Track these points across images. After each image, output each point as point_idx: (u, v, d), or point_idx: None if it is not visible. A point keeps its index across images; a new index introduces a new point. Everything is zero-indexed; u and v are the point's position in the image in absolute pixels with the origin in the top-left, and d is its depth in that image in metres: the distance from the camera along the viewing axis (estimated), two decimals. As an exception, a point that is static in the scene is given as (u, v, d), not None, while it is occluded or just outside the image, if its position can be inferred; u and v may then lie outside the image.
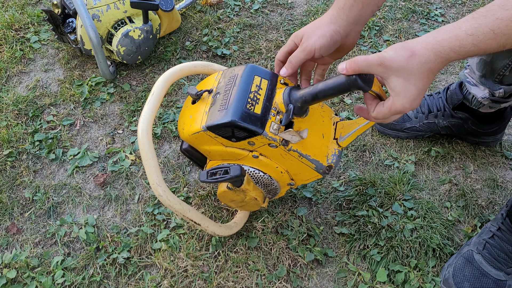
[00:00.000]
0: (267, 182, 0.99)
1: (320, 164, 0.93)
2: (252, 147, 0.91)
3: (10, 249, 1.14)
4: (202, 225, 1.00)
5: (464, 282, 1.04)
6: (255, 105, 0.87)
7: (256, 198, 0.98)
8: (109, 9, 1.41)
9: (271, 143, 0.88)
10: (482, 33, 0.64)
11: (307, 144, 0.92)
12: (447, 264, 1.09)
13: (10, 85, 1.50)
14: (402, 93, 0.72)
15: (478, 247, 1.07)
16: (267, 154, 0.93)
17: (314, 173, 0.96)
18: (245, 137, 0.87)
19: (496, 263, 1.04)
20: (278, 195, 1.07)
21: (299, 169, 0.96)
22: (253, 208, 1.05)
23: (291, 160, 0.93)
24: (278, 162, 0.95)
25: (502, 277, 1.03)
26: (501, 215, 1.08)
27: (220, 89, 0.91)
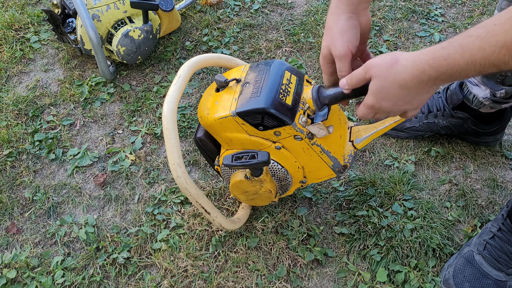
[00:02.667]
0: (282, 176, 1.00)
1: (337, 162, 0.96)
2: (277, 137, 0.92)
3: (10, 249, 1.14)
4: (211, 215, 0.99)
5: (465, 283, 1.04)
6: (286, 96, 0.88)
7: (271, 190, 0.99)
8: (109, 9, 1.41)
9: (298, 134, 0.89)
10: (452, 47, 0.67)
11: (329, 141, 0.94)
12: (447, 264, 1.09)
13: (10, 85, 1.50)
14: (373, 92, 0.77)
15: (479, 248, 1.07)
16: (289, 147, 0.94)
17: (329, 171, 0.98)
18: (273, 126, 0.88)
19: (496, 263, 1.04)
20: (286, 193, 1.07)
21: (316, 166, 0.97)
22: (263, 202, 1.05)
23: (310, 155, 0.95)
24: (298, 157, 0.96)
25: (503, 278, 1.03)
26: (502, 215, 1.08)
27: (250, 79, 0.92)
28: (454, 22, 1.71)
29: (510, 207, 1.06)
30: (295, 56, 1.59)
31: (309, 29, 1.67)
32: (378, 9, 1.76)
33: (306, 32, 1.66)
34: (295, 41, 1.63)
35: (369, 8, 0.90)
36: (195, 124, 1.39)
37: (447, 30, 1.69)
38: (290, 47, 1.62)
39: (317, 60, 1.57)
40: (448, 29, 1.69)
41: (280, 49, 1.61)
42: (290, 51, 1.60)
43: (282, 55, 1.59)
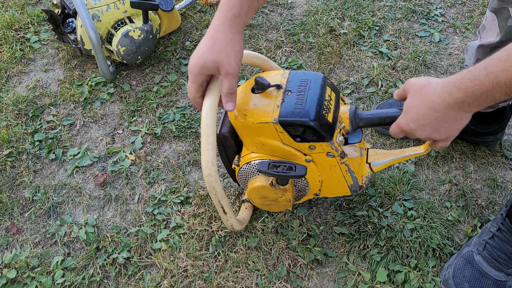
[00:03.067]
0: (302, 187, 1.01)
1: (357, 182, 0.99)
2: (310, 151, 0.92)
3: (10, 249, 1.14)
4: (227, 215, 0.97)
5: (464, 283, 1.04)
6: (328, 112, 0.89)
7: (290, 200, 0.99)
8: (109, 9, 1.41)
9: (331, 152, 0.91)
10: (477, 69, 0.70)
11: (355, 161, 0.96)
12: (447, 265, 1.09)
13: (10, 85, 1.50)
14: (406, 110, 0.81)
15: (478, 248, 1.07)
16: (318, 162, 0.94)
17: (346, 189, 1.01)
18: (312, 140, 0.89)
19: (496, 263, 1.04)
20: (297, 201, 1.08)
21: (336, 183, 0.99)
22: (278, 209, 1.05)
23: (335, 172, 0.96)
24: (322, 171, 0.97)
25: (502, 278, 1.03)
26: (501, 215, 1.08)
27: (291, 88, 0.91)
28: (454, 22, 1.71)
29: (509, 207, 1.06)
30: (295, 56, 1.59)
31: (309, 29, 1.67)
32: (378, 9, 1.76)
33: (306, 32, 1.66)
34: (295, 41, 1.63)
35: None
36: (195, 124, 1.39)
37: (447, 30, 1.69)
38: (290, 47, 1.62)
39: (317, 60, 1.57)
40: (448, 29, 1.69)
41: (280, 49, 1.61)
42: (290, 51, 1.60)
43: (282, 55, 1.59)
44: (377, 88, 1.49)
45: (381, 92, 1.47)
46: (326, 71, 1.54)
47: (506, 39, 1.05)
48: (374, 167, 1.01)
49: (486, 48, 1.10)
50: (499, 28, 1.05)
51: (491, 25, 1.08)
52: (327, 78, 0.95)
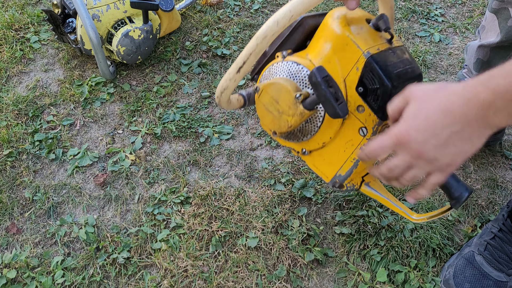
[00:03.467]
0: (308, 130, 0.86)
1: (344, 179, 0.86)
2: (353, 113, 0.80)
3: (10, 249, 1.14)
4: (238, 74, 0.82)
5: (465, 283, 1.04)
6: None
7: (291, 126, 0.84)
8: (109, 9, 1.41)
9: (368, 130, 0.79)
10: (509, 64, 0.56)
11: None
12: (447, 265, 1.09)
13: (10, 85, 1.50)
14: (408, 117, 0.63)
15: (479, 248, 1.07)
16: (344, 129, 0.82)
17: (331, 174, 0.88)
18: (370, 103, 0.77)
19: (497, 264, 1.04)
20: (285, 142, 0.93)
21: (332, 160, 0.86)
22: (270, 124, 0.89)
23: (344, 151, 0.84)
24: (335, 140, 0.84)
25: (503, 279, 1.03)
26: (502, 216, 1.08)
27: (397, 50, 0.82)
28: (454, 22, 1.71)
29: (511, 208, 1.06)
30: (295, 56, 1.59)
31: (309, 29, 1.67)
32: (378, 9, 1.76)
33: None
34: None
35: None
36: (195, 124, 1.39)
37: (447, 30, 1.69)
38: (290, 47, 1.62)
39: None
40: (448, 29, 1.69)
41: (280, 49, 1.61)
42: (290, 51, 1.60)
43: (282, 55, 1.59)
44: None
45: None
46: (326, 71, 1.53)
47: (507, 39, 1.05)
48: (364, 187, 0.91)
49: (486, 48, 1.10)
50: (500, 29, 1.05)
51: (491, 26, 1.08)
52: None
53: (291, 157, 1.32)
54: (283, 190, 1.24)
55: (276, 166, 1.29)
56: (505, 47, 1.07)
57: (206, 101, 1.46)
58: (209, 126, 1.39)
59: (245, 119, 1.42)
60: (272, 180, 1.26)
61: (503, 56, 1.07)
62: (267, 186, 1.25)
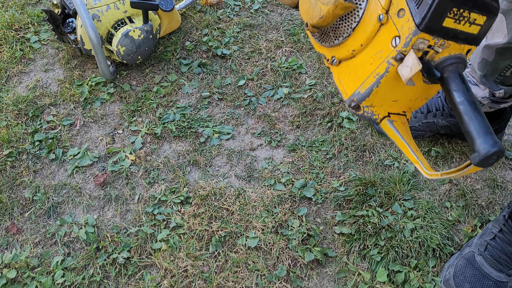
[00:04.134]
0: (345, 27, 0.75)
1: (364, 96, 0.74)
2: (391, 14, 0.69)
3: (10, 249, 1.14)
4: None
5: (465, 284, 1.04)
6: (462, 22, 0.67)
7: (323, 16, 0.73)
8: (109, 9, 1.41)
9: (408, 42, 0.66)
10: None
11: (394, 84, 0.72)
12: (447, 265, 1.09)
13: (10, 85, 1.50)
14: None
15: (480, 249, 1.07)
16: (378, 35, 0.71)
17: (351, 89, 0.76)
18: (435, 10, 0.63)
19: (497, 264, 1.04)
20: (321, 48, 0.82)
21: (358, 71, 0.75)
22: (307, 15, 0.79)
23: (370, 64, 0.73)
24: (372, 47, 0.72)
25: (504, 279, 1.03)
26: (503, 216, 1.08)
27: None
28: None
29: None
30: (295, 56, 1.59)
31: (309, 29, 1.67)
32: None
33: (306, 32, 1.66)
34: (295, 41, 1.63)
35: None
36: (195, 124, 1.39)
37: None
38: (290, 47, 1.62)
39: (317, 60, 1.57)
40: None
41: (280, 49, 1.61)
42: (290, 51, 1.61)
43: (282, 55, 1.59)
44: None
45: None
46: (326, 71, 1.54)
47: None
48: (385, 122, 0.76)
49: (492, 48, 1.10)
50: (508, 30, 1.05)
51: (498, 26, 1.07)
52: None
53: (291, 157, 1.32)
54: (283, 190, 1.24)
55: (276, 166, 1.29)
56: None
57: (206, 101, 1.46)
58: (209, 126, 1.39)
59: (245, 119, 1.42)
60: (272, 180, 1.26)
61: (509, 57, 1.07)
62: (267, 186, 1.25)
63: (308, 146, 1.34)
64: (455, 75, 0.66)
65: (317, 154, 1.32)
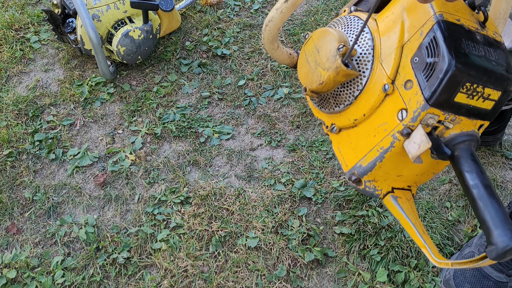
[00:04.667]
0: (346, 95, 0.71)
1: (365, 171, 0.69)
2: (398, 86, 0.65)
3: (10, 249, 1.14)
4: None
5: (465, 284, 1.04)
6: (475, 97, 0.65)
7: (323, 82, 0.70)
8: (109, 9, 1.41)
9: (416, 117, 0.61)
10: None
11: (397, 158, 0.68)
12: None
13: (10, 85, 1.50)
14: None
15: (480, 249, 1.07)
16: (383, 105, 0.67)
17: (352, 161, 0.71)
18: (429, 70, 0.61)
19: (497, 265, 1.04)
20: (320, 114, 0.78)
21: (359, 142, 0.70)
22: (306, 79, 0.75)
23: (374, 136, 0.68)
24: (375, 118, 0.68)
25: (503, 279, 1.03)
26: None
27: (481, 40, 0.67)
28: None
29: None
30: (295, 56, 1.59)
31: (309, 29, 1.67)
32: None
33: (306, 32, 1.66)
34: (295, 41, 1.63)
35: None
36: (195, 124, 1.39)
37: (447, 30, 1.69)
38: (290, 47, 1.62)
39: (317, 60, 1.57)
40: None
41: (280, 49, 1.61)
42: (290, 51, 1.61)
43: (282, 55, 1.59)
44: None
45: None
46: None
47: None
48: (389, 198, 0.70)
49: None
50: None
51: (506, 29, 1.07)
52: None
53: (291, 157, 1.32)
54: (283, 190, 1.24)
55: (276, 166, 1.29)
56: None
57: (206, 101, 1.46)
58: (209, 126, 1.39)
59: (245, 119, 1.42)
60: (272, 180, 1.26)
61: None
62: (267, 186, 1.25)
63: (308, 146, 1.34)
64: (467, 154, 0.61)
65: (317, 154, 1.32)
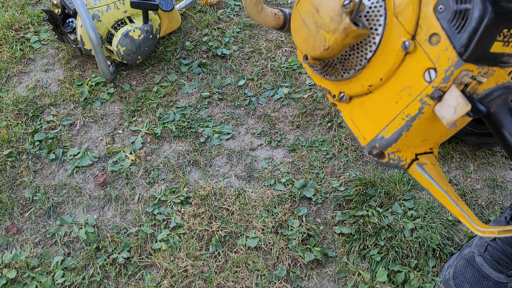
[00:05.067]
0: (357, 58, 0.62)
1: (389, 143, 0.62)
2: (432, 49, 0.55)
3: (10, 249, 1.14)
4: None
5: (465, 284, 1.04)
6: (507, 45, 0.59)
7: (329, 47, 0.60)
8: (109, 9, 1.41)
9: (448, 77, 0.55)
10: None
11: (430, 125, 0.61)
12: (447, 265, 1.09)
13: (10, 85, 1.50)
14: None
15: (480, 249, 1.07)
16: (410, 63, 0.58)
17: (372, 133, 0.64)
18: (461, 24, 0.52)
19: (497, 265, 1.04)
20: (324, 82, 0.69)
21: (380, 111, 0.62)
22: (306, 46, 0.65)
23: (395, 102, 0.60)
24: (395, 81, 0.60)
25: (503, 280, 1.03)
26: (505, 218, 1.08)
27: None
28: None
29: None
30: (295, 56, 1.59)
31: None
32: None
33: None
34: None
35: None
36: (195, 124, 1.39)
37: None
38: (290, 47, 1.62)
39: (317, 60, 1.57)
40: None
41: (280, 49, 1.61)
42: (290, 51, 1.61)
43: (282, 55, 1.59)
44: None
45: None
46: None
47: None
48: (415, 167, 0.63)
49: None
50: None
51: None
52: None
53: (291, 157, 1.32)
54: (283, 190, 1.24)
55: (276, 166, 1.29)
56: None
57: (206, 101, 1.46)
58: (209, 126, 1.39)
59: (245, 119, 1.42)
60: (272, 180, 1.26)
61: None
62: (267, 186, 1.25)
63: (308, 146, 1.34)
64: (505, 109, 0.55)
65: (317, 154, 1.32)
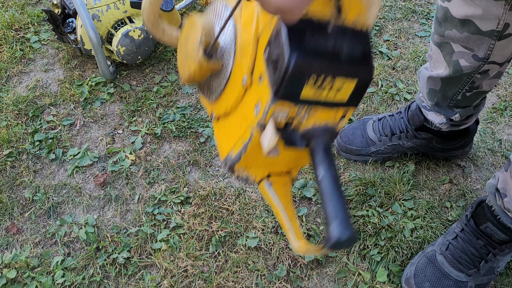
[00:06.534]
0: (216, 84, 0.67)
1: (237, 159, 0.65)
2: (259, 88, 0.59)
3: (10, 249, 1.14)
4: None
5: (425, 282, 1.03)
6: (323, 88, 0.59)
7: (191, 75, 0.67)
8: (109, 9, 1.41)
9: (260, 103, 0.58)
10: None
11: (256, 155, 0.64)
12: (411, 262, 1.09)
13: (10, 85, 1.50)
14: None
15: (441, 248, 1.06)
16: (248, 97, 0.63)
17: (227, 149, 0.68)
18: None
19: (457, 264, 1.04)
20: (203, 100, 0.75)
21: (232, 131, 0.67)
22: (180, 69, 0.71)
23: (239, 127, 0.64)
24: (240, 110, 0.64)
25: (463, 279, 1.03)
26: (466, 216, 1.07)
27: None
28: (454, 22, 1.71)
29: (475, 208, 1.05)
30: (295, 56, 1.59)
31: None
32: (378, 9, 1.76)
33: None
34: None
35: None
36: (195, 124, 1.39)
37: (447, 30, 1.69)
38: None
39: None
40: (448, 29, 1.69)
41: (280, 49, 1.61)
42: (290, 51, 1.60)
43: (282, 55, 1.59)
44: (377, 88, 1.49)
45: (381, 92, 1.47)
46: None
47: (455, 73, 1.02)
48: (264, 184, 0.67)
49: (436, 79, 1.08)
50: (446, 62, 1.02)
51: (437, 57, 1.04)
52: None
53: (291, 157, 1.32)
54: (283, 190, 1.23)
55: (276, 166, 1.29)
56: (456, 77, 1.04)
57: (206, 101, 1.45)
58: (209, 126, 1.39)
59: (245, 119, 1.42)
60: (272, 180, 1.26)
61: (456, 84, 1.05)
62: (267, 186, 1.25)
63: (308, 146, 1.34)
64: (319, 147, 0.57)
65: (317, 154, 1.32)
